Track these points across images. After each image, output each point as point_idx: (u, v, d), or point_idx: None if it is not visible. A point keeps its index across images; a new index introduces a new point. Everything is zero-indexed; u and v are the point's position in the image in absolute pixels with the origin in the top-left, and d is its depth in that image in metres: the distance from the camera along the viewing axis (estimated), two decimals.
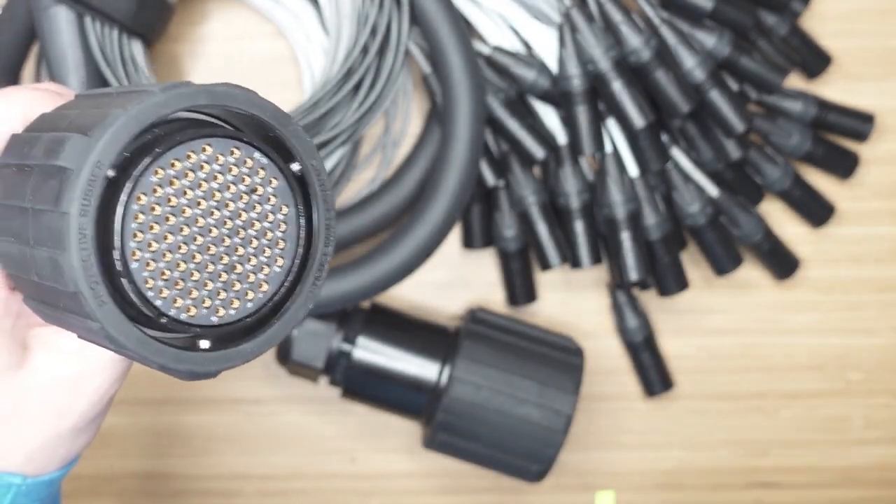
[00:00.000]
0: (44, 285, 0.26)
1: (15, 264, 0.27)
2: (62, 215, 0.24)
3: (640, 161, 0.51)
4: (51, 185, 0.25)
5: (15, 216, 0.26)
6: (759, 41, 0.53)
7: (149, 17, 0.49)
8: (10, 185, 0.27)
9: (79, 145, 0.24)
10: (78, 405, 0.33)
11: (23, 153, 0.27)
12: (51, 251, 0.25)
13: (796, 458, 0.58)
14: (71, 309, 0.25)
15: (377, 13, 0.48)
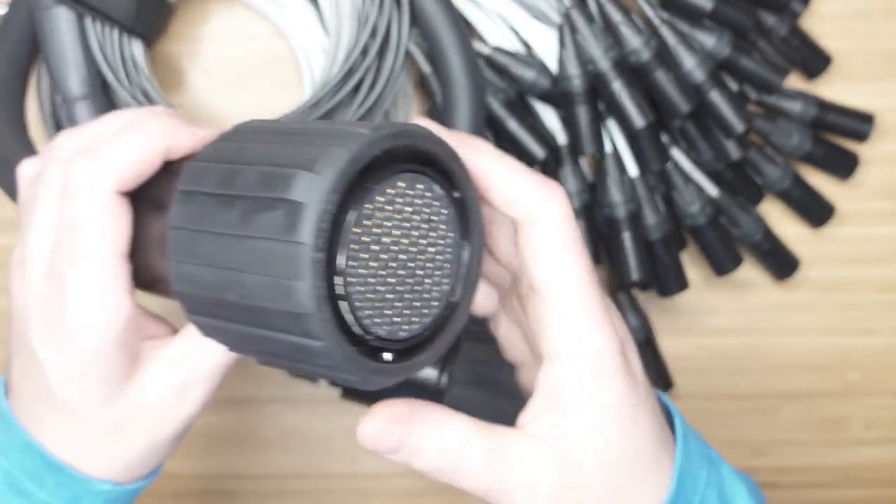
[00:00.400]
0: (248, 306, 0.27)
1: (203, 286, 0.29)
2: (296, 245, 0.26)
3: (640, 161, 0.51)
4: (274, 216, 0.27)
5: (211, 241, 0.28)
6: (758, 41, 0.53)
7: (149, 18, 0.49)
8: (204, 212, 0.29)
9: (310, 181, 0.26)
10: (182, 413, 0.35)
11: (221, 183, 0.29)
12: (273, 277, 0.26)
13: (796, 458, 0.58)
14: (285, 329, 0.27)
15: (377, 13, 0.48)
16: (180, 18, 0.53)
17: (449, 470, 0.31)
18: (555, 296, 0.31)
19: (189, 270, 0.29)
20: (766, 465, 0.58)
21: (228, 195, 0.28)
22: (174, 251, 0.29)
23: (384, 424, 0.31)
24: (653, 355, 0.56)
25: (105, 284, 0.32)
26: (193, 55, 0.54)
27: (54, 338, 0.33)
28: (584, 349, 0.31)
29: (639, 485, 0.32)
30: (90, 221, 0.32)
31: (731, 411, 0.57)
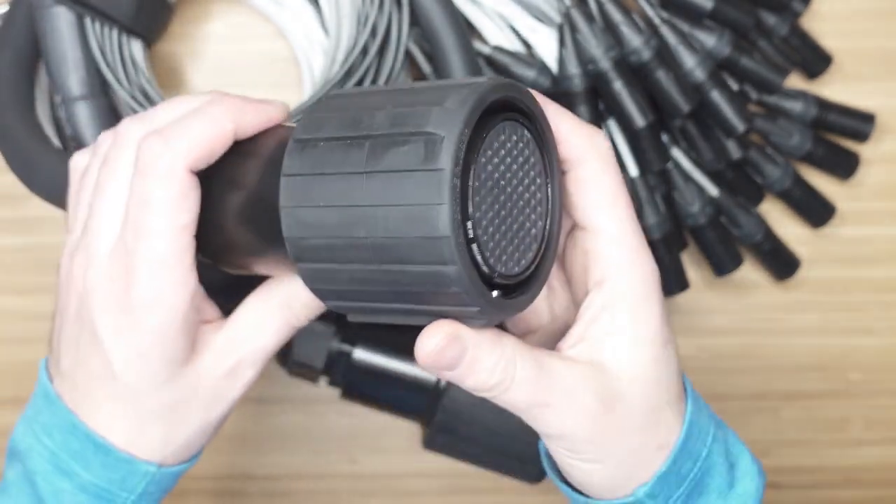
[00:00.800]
0: (378, 240, 0.29)
1: (323, 229, 0.30)
2: (437, 172, 0.27)
3: (640, 161, 0.51)
4: (409, 148, 0.28)
5: (335, 183, 0.29)
6: (759, 41, 0.53)
7: (148, 18, 0.49)
8: (325, 156, 0.30)
9: (444, 116, 0.28)
10: (231, 395, 0.36)
11: (344, 128, 0.30)
12: (409, 206, 0.28)
13: (796, 459, 0.57)
14: (417, 258, 0.28)
15: (377, 13, 0.48)
16: (180, 18, 0.53)
17: (500, 386, 0.32)
18: (606, 225, 0.34)
19: (307, 215, 0.30)
20: (767, 466, 0.57)
21: (354, 137, 0.29)
22: (290, 198, 0.30)
23: (445, 341, 0.31)
24: None
25: (173, 260, 0.33)
26: (193, 55, 0.54)
27: (120, 317, 0.34)
28: (634, 270, 0.34)
29: (661, 416, 0.35)
30: (163, 198, 0.33)
31: (732, 411, 0.57)
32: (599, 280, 0.34)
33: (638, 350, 0.34)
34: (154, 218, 0.33)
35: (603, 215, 0.34)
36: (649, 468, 0.35)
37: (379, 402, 0.52)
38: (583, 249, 0.35)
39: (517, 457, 0.50)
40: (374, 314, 0.32)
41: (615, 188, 0.34)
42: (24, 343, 0.55)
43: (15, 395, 0.55)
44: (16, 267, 0.55)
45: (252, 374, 0.36)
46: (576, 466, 0.35)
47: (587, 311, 0.34)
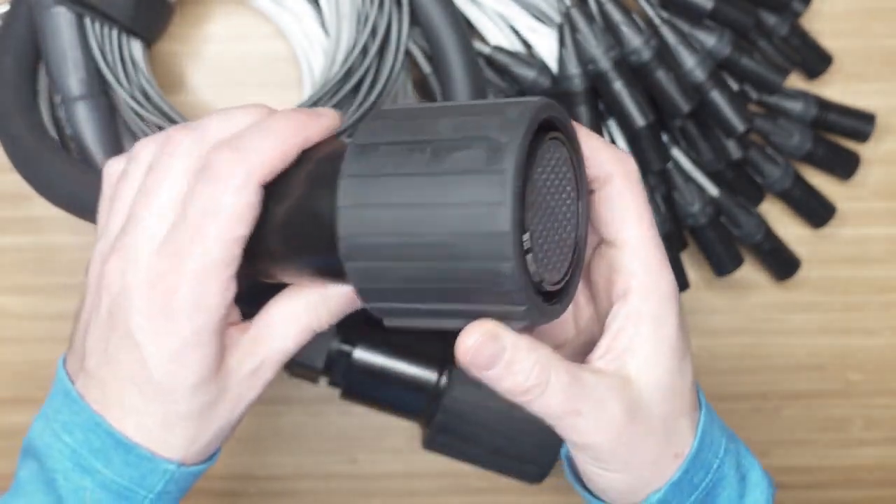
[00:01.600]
0: (437, 237, 0.30)
1: (381, 227, 0.31)
2: (500, 173, 0.29)
3: (640, 161, 0.51)
4: (472, 152, 0.30)
5: (396, 183, 0.31)
6: (759, 41, 0.53)
7: (148, 18, 0.49)
8: (386, 159, 0.31)
9: (506, 124, 0.30)
10: (251, 396, 0.37)
11: (406, 133, 0.32)
12: (471, 206, 0.30)
13: (797, 459, 0.57)
14: (474, 255, 0.30)
15: (377, 13, 0.48)
16: (180, 18, 0.53)
17: (535, 390, 0.34)
18: (631, 239, 0.36)
19: (365, 213, 0.31)
20: (767, 466, 0.57)
21: (415, 141, 0.31)
22: (348, 198, 0.31)
23: (484, 337, 0.33)
24: None
25: (224, 268, 0.34)
26: (193, 55, 0.54)
27: (158, 320, 0.34)
28: (656, 283, 0.36)
29: (678, 425, 0.36)
30: (232, 207, 0.34)
31: (732, 411, 0.57)
32: (623, 292, 0.36)
33: (658, 360, 0.36)
34: (218, 225, 0.34)
35: (629, 230, 0.36)
36: (664, 477, 0.36)
37: (379, 402, 0.52)
38: (608, 264, 0.37)
39: (517, 457, 0.50)
40: (416, 316, 0.33)
41: (641, 205, 0.36)
42: (24, 343, 0.55)
43: (15, 395, 0.55)
44: (16, 267, 0.55)
45: (271, 375, 0.37)
46: (599, 475, 0.36)
47: (613, 323, 0.36)
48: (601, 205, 0.36)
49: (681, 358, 0.36)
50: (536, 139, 0.31)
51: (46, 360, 0.55)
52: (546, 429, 0.49)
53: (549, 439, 0.49)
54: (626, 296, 0.36)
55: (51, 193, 0.48)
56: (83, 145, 0.48)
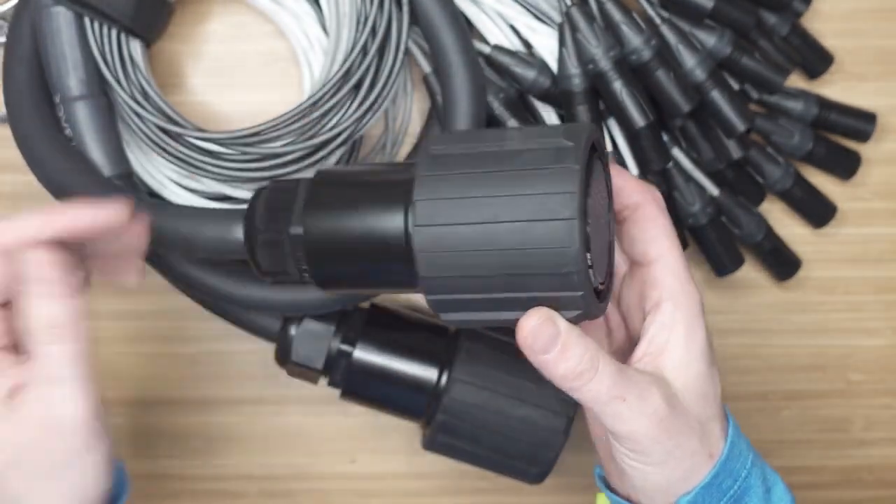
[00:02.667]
0: (504, 227, 0.34)
1: (456, 241, 0.35)
2: (570, 168, 0.34)
3: (641, 161, 0.51)
4: (542, 154, 0.35)
5: (470, 179, 0.35)
6: (760, 41, 0.53)
7: (148, 17, 0.49)
8: (460, 161, 0.36)
9: (570, 133, 0.35)
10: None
11: (473, 144, 0.36)
12: (538, 197, 0.34)
13: (797, 459, 0.57)
14: (542, 244, 0.34)
15: (377, 13, 0.48)
16: (180, 18, 0.53)
17: (587, 374, 0.37)
18: (662, 256, 0.40)
19: (441, 204, 0.35)
20: None
21: (485, 151, 0.35)
22: (426, 192, 0.35)
23: (542, 319, 0.36)
24: None
25: None
26: (193, 55, 0.54)
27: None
28: (685, 292, 0.40)
29: (710, 426, 0.39)
30: None
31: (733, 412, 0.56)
32: (657, 302, 0.40)
33: (690, 362, 0.39)
34: None
35: (659, 247, 0.40)
36: (696, 477, 0.39)
37: (379, 402, 0.52)
38: (639, 282, 0.41)
39: (517, 457, 0.50)
40: (476, 309, 0.36)
41: (669, 227, 0.41)
42: None
43: None
44: None
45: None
46: (638, 469, 0.39)
47: (648, 330, 0.40)
48: (634, 227, 0.41)
49: (710, 364, 0.40)
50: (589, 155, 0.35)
51: None
52: (546, 429, 0.49)
53: (550, 439, 0.49)
54: (659, 304, 0.39)
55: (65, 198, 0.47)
56: (83, 145, 0.48)
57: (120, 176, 0.48)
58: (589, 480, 0.57)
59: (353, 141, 0.51)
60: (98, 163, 0.48)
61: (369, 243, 0.37)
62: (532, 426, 0.49)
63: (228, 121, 0.54)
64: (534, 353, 0.37)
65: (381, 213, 0.37)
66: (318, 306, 0.49)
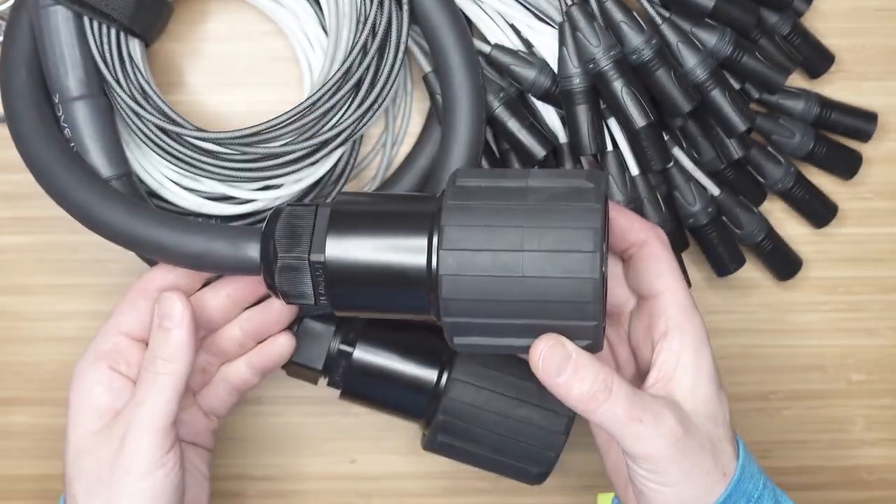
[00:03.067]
0: (528, 256, 0.37)
1: (480, 266, 0.37)
2: (591, 206, 0.37)
3: (641, 161, 0.51)
4: (565, 192, 0.38)
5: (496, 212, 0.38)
6: (760, 40, 0.52)
7: (147, 17, 0.49)
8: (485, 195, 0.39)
9: (590, 177, 0.39)
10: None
11: (497, 179, 0.39)
12: (561, 230, 0.37)
13: (798, 459, 0.57)
14: (563, 272, 0.37)
15: (377, 12, 0.48)
16: (179, 17, 0.53)
17: (601, 395, 0.39)
18: (668, 288, 0.42)
19: (466, 231, 0.38)
20: (768, 466, 0.57)
21: (509, 187, 0.38)
22: (454, 242, 0.38)
23: (553, 342, 0.38)
24: None
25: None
26: (192, 54, 0.54)
27: None
28: (691, 321, 0.42)
29: (722, 447, 0.41)
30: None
31: (733, 412, 0.56)
32: (664, 331, 0.42)
33: (699, 386, 0.41)
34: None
35: (665, 280, 0.43)
36: (711, 497, 0.40)
37: (379, 402, 0.52)
38: (647, 314, 0.43)
39: (518, 457, 0.50)
40: (489, 333, 0.38)
41: (673, 263, 0.43)
42: (24, 343, 0.55)
43: (15, 395, 0.55)
44: (16, 267, 0.55)
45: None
46: (655, 490, 0.40)
47: (658, 358, 0.42)
48: (640, 263, 0.43)
49: (718, 387, 0.42)
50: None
51: (46, 361, 0.55)
52: (547, 429, 0.49)
53: (550, 440, 0.49)
54: (666, 333, 0.42)
55: (73, 209, 0.47)
56: (81, 146, 0.48)
57: (119, 176, 0.48)
58: (589, 481, 0.57)
59: (353, 140, 0.51)
60: (97, 163, 0.48)
61: (390, 269, 0.39)
62: (532, 426, 0.49)
63: (228, 120, 0.53)
64: (547, 376, 0.38)
65: (405, 240, 0.39)
66: (319, 306, 0.49)
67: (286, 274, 0.41)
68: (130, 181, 0.49)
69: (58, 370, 0.55)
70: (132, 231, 0.46)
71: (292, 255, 0.40)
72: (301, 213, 0.42)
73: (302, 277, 0.41)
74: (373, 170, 0.54)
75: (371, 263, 0.40)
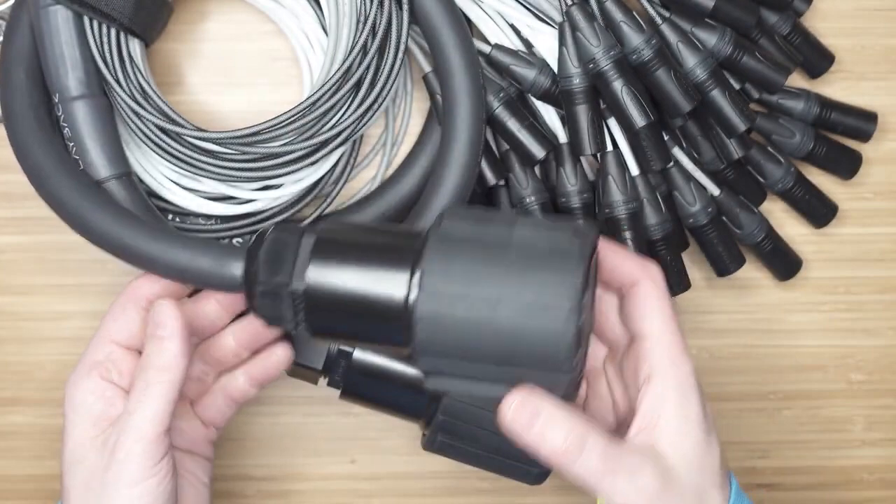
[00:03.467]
0: (518, 302, 0.37)
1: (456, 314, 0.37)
2: (576, 270, 0.37)
3: (641, 161, 0.51)
4: (549, 251, 0.38)
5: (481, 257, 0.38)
6: (760, 40, 0.52)
7: (147, 16, 0.49)
8: (468, 254, 0.38)
9: (577, 234, 0.38)
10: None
11: (487, 243, 0.38)
12: (540, 288, 0.37)
13: (798, 460, 0.57)
14: (539, 326, 0.37)
15: (377, 12, 0.48)
16: (179, 17, 0.53)
17: (574, 451, 0.38)
18: (654, 331, 0.41)
19: (448, 287, 0.38)
20: (768, 466, 0.57)
21: (495, 240, 0.38)
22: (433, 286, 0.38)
23: (523, 396, 0.38)
24: None
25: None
26: (192, 54, 0.54)
27: None
28: (676, 365, 0.41)
29: (709, 496, 0.40)
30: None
31: (733, 412, 0.57)
32: (648, 375, 0.41)
33: (685, 434, 0.40)
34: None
35: (652, 323, 0.42)
36: None
37: (378, 402, 0.52)
38: (635, 356, 0.42)
39: (518, 458, 0.50)
40: (462, 377, 0.38)
41: (663, 303, 0.42)
42: (24, 343, 0.55)
43: (15, 395, 0.55)
44: (16, 267, 0.55)
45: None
46: None
47: (641, 404, 0.41)
48: (630, 304, 0.42)
49: (706, 433, 0.41)
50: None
51: (46, 361, 0.55)
52: None
53: None
54: (650, 379, 0.41)
55: (63, 214, 0.48)
56: (81, 146, 0.48)
57: (119, 176, 0.48)
58: None
59: (353, 140, 0.51)
60: (97, 162, 0.48)
61: (369, 304, 0.39)
62: None
63: (228, 120, 0.53)
64: (517, 433, 0.38)
65: (386, 277, 0.39)
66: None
67: (266, 299, 0.41)
68: (130, 181, 0.49)
69: (58, 370, 0.55)
70: (119, 240, 0.46)
71: (273, 281, 0.40)
72: (285, 239, 0.41)
73: (282, 303, 0.41)
74: (373, 170, 0.54)
75: (351, 297, 0.40)
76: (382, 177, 0.54)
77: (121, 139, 0.49)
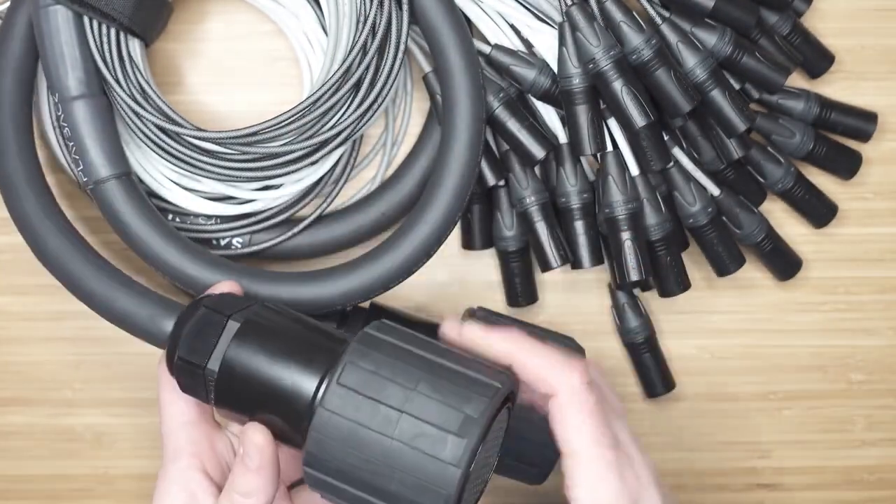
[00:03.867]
0: (405, 450, 0.37)
1: (352, 438, 0.38)
2: (463, 443, 0.37)
3: (641, 161, 0.51)
4: (447, 415, 0.37)
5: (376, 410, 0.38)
6: (760, 40, 0.52)
7: (147, 16, 0.49)
8: (376, 389, 0.38)
9: (479, 399, 0.38)
10: None
11: (396, 374, 0.38)
12: (437, 437, 0.37)
13: (798, 460, 0.57)
14: (428, 475, 0.37)
15: (377, 12, 0.48)
16: (179, 17, 0.53)
17: None
18: (574, 452, 0.39)
19: (344, 423, 0.38)
20: (768, 466, 0.57)
21: (404, 384, 0.38)
22: (335, 405, 0.38)
23: None
24: (655, 356, 0.55)
25: None
26: (192, 54, 0.54)
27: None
28: (597, 490, 0.39)
29: None
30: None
31: (733, 412, 0.57)
32: (573, 500, 0.40)
33: None
34: None
35: (572, 442, 0.40)
36: None
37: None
38: (563, 465, 0.41)
39: (518, 458, 0.50)
40: (342, 497, 0.38)
41: (583, 418, 0.39)
42: (24, 343, 0.55)
43: (15, 395, 0.55)
44: (15, 267, 0.55)
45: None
46: None
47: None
48: (551, 417, 0.40)
49: None
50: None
51: (46, 361, 0.55)
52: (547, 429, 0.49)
53: (551, 440, 0.49)
54: (576, 500, 0.39)
55: (21, 230, 0.49)
56: (80, 146, 0.48)
57: (118, 175, 0.48)
58: None
59: (353, 140, 0.51)
60: (96, 162, 0.48)
61: (276, 398, 0.40)
62: (533, 426, 0.49)
63: (227, 120, 0.53)
64: None
65: (297, 377, 0.40)
66: (319, 306, 0.49)
67: (181, 372, 0.42)
68: (130, 181, 0.49)
69: (58, 370, 0.55)
70: (69, 271, 0.48)
71: (191, 357, 0.41)
72: (211, 319, 0.42)
73: (195, 378, 0.42)
74: (373, 170, 0.54)
75: (260, 388, 0.40)
76: (382, 177, 0.54)
77: (121, 139, 0.49)
